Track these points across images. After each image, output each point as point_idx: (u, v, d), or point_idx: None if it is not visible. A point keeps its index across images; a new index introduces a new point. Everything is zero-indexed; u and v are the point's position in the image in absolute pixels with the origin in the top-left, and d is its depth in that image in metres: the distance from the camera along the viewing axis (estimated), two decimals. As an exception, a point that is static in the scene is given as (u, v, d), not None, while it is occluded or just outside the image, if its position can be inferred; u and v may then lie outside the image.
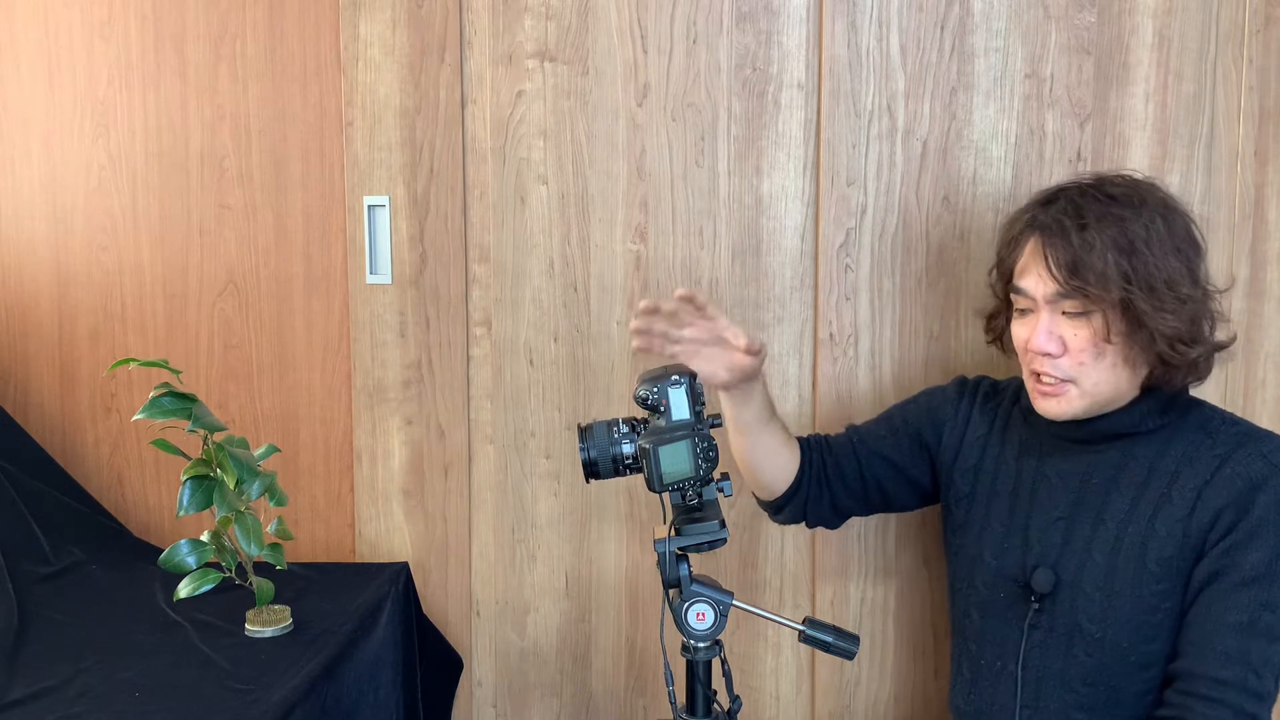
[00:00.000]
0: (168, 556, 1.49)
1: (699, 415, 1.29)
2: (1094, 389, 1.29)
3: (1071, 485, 1.36)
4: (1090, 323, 1.27)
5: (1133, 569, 1.29)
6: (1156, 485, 1.30)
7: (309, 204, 1.81)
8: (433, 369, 1.80)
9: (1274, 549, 1.23)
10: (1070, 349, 1.28)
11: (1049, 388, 1.31)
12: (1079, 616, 1.32)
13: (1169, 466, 1.31)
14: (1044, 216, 1.30)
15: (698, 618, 1.30)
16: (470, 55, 1.75)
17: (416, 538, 1.83)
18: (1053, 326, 1.29)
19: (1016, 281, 1.33)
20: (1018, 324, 1.35)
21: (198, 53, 1.80)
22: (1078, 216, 1.27)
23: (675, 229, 1.75)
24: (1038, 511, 1.38)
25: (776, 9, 1.70)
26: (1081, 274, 1.24)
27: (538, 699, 1.86)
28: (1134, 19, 1.66)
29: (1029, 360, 1.33)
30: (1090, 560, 1.32)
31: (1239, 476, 1.26)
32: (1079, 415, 1.32)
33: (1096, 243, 1.24)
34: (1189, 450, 1.31)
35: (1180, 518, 1.28)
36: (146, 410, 1.43)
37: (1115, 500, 1.32)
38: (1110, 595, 1.30)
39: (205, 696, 1.32)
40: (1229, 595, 1.24)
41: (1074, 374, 1.29)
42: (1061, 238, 1.26)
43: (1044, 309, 1.29)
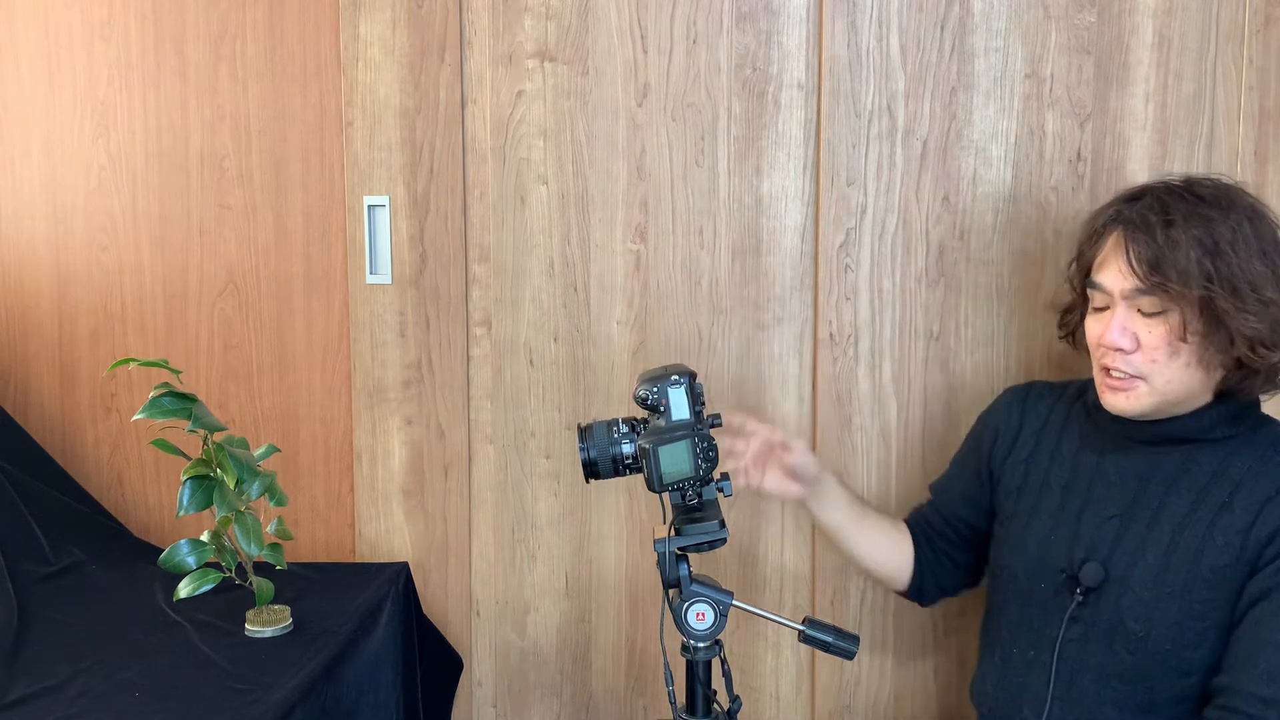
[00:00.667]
0: (168, 556, 1.49)
1: (699, 415, 1.29)
2: (1165, 387, 1.28)
3: (1130, 484, 1.35)
4: (1167, 320, 1.26)
5: (1185, 572, 1.28)
6: (1219, 493, 1.29)
7: (309, 204, 1.81)
8: (433, 369, 1.80)
9: None
10: (1144, 345, 1.27)
11: (1118, 382, 1.30)
12: (1124, 614, 1.31)
13: (1234, 476, 1.29)
14: (1129, 211, 1.29)
15: (698, 618, 1.29)
16: (470, 55, 1.75)
17: (416, 538, 1.83)
18: (1128, 323, 1.28)
19: (1095, 277, 1.32)
20: (1093, 320, 1.34)
21: (198, 53, 1.80)
22: (1164, 212, 1.25)
23: (675, 229, 1.75)
24: (1092, 506, 1.37)
25: (776, 9, 1.70)
26: (1163, 270, 1.23)
27: (538, 699, 1.86)
28: (1134, 19, 1.66)
29: (1100, 355, 1.32)
30: (1142, 559, 1.31)
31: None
32: (1146, 413, 1.31)
33: (1182, 240, 1.23)
34: (1256, 464, 1.29)
35: (1240, 529, 1.26)
36: (146, 410, 1.43)
37: (1174, 502, 1.31)
38: (1159, 596, 1.29)
39: (205, 696, 1.32)
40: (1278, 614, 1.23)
41: (1146, 371, 1.28)
42: (1145, 233, 1.25)
43: (1120, 305, 1.29)
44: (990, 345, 1.73)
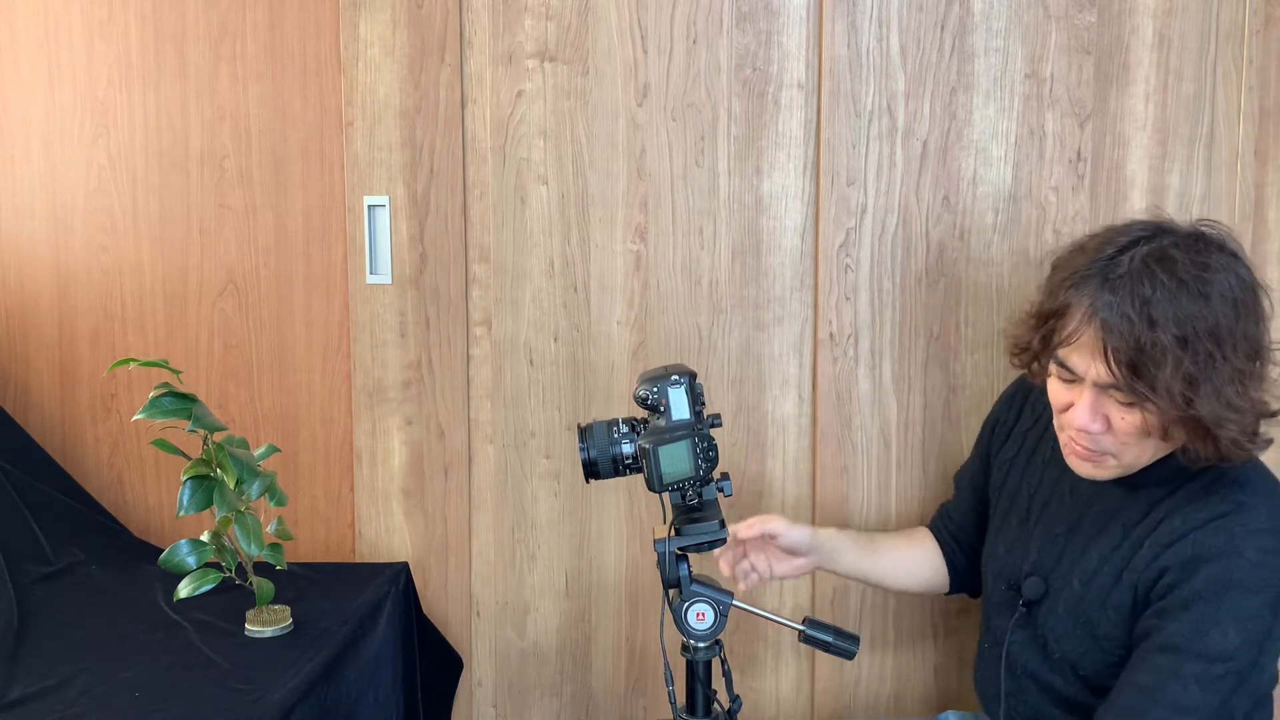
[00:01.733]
0: (168, 556, 1.49)
1: (699, 415, 1.29)
2: (1133, 462, 1.24)
3: (1079, 505, 1.35)
4: (1142, 412, 1.18)
5: (1096, 606, 1.29)
6: (1140, 532, 1.27)
7: (309, 204, 1.81)
8: (433, 369, 1.80)
9: (1200, 626, 1.18)
10: (1115, 430, 1.21)
11: (1085, 453, 1.25)
12: (1047, 632, 1.34)
13: (1159, 515, 1.26)
14: (1104, 305, 1.16)
15: (698, 618, 1.30)
16: (470, 55, 1.75)
17: (416, 538, 1.83)
18: (1098, 407, 1.20)
19: (1064, 356, 1.22)
20: (1058, 385, 1.26)
21: (198, 53, 1.80)
22: (1144, 308, 1.13)
23: (675, 229, 1.75)
24: (1045, 521, 1.38)
25: (776, 9, 1.70)
26: (1145, 378, 1.14)
27: (538, 699, 1.86)
28: (1134, 19, 1.66)
29: (1066, 422, 1.26)
30: (1069, 585, 1.32)
31: (1194, 544, 1.20)
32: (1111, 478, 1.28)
33: (1166, 347, 1.13)
34: (1182, 504, 1.24)
35: (1141, 568, 1.25)
36: (146, 410, 1.43)
37: (1107, 533, 1.30)
38: (1075, 623, 1.31)
39: (205, 696, 1.32)
40: (1147, 657, 1.22)
41: (1115, 450, 1.23)
42: (1125, 335, 1.14)
43: (1090, 389, 1.21)
44: (990, 345, 1.73)
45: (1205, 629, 1.18)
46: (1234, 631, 1.17)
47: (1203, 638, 1.18)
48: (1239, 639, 1.17)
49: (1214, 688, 1.18)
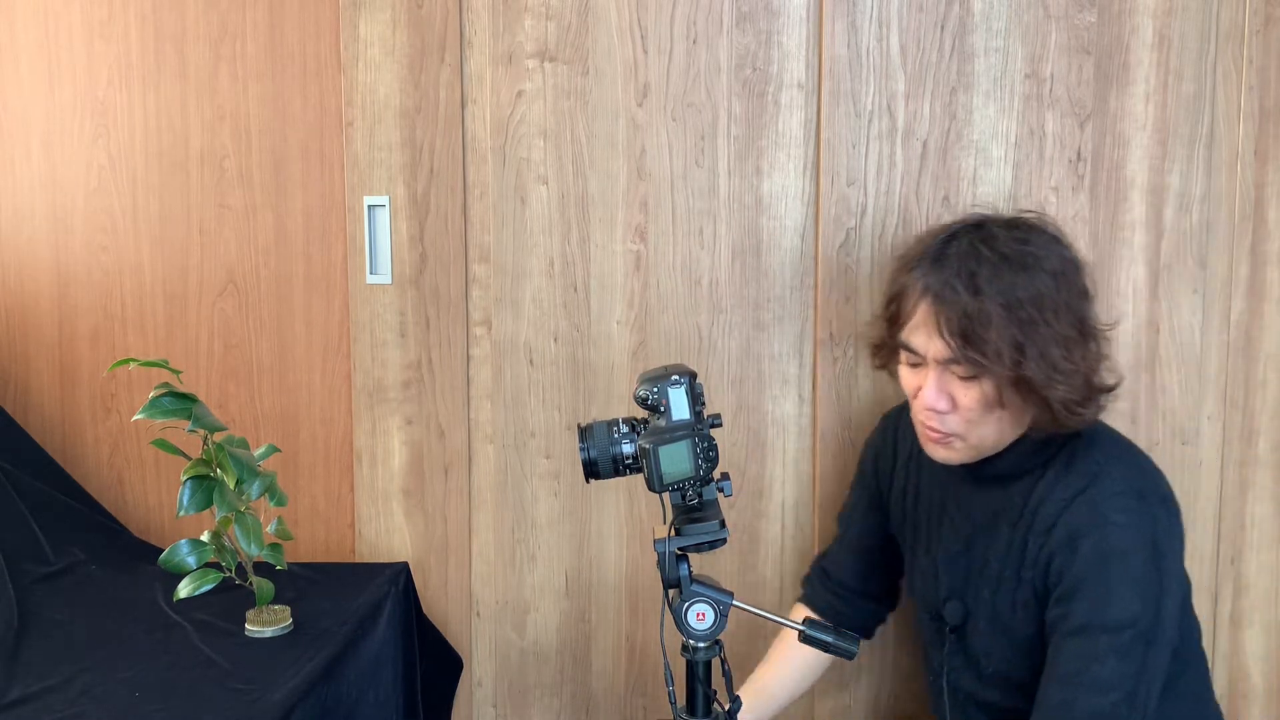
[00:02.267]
0: (168, 556, 1.49)
1: (699, 415, 1.29)
2: (980, 441, 1.30)
3: (966, 522, 1.38)
4: (980, 385, 1.25)
5: (1009, 609, 1.31)
6: (1022, 528, 1.31)
7: (309, 204, 1.81)
8: (433, 369, 1.80)
9: (1096, 603, 1.22)
10: (960, 406, 1.27)
11: (936, 435, 1.31)
12: (975, 650, 1.36)
13: (1032, 507, 1.30)
14: (935, 280, 1.25)
15: (698, 618, 1.29)
16: (470, 55, 1.75)
17: (416, 538, 1.83)
18: (943, 385, 1.27)
19: (906, 337, 1.30)
20: (907, 371, 1.33)
21: (198, 53, 1.80)
22: (971, 280, 1.23)
23: (675, 229, 1.75)
24: (943, 544, 1.41)
25: (776, 9, 1.70)
26: (975, 344, 1.22)
27: (538, 699, 1.86)
28: (1134, 19, 1.66)
29: (916, 408, 1.32)
30: (981, 597, 1.34)
31: (1067, 527, 1.25)
32: (964, 462, 1.33)
33: (992, 313, 1.21)
34: (1048, 490, 1.29)
35: (1030, 563, 1.29)
36: (146, 410, 1.43)
37: (996, 540, 1.33)
38: (996, 633, 1.33)
39: (205, 696, 1.32)
40: (1061, 647, 1.24)
41: (961, 430, 1.29)
42: (954, 305, 1.23)
43: (934, 367, 1.28)
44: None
45: (1103, 602, 1.21)
46: (1130, 595, 1.21)
47: (1104, 611, 1.21)
48: (1137, 601, 1.21)
49: (1129, 655, 1.21)
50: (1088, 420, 1.27)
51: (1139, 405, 1.72)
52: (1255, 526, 1.74)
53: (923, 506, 1.46)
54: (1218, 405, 1.72)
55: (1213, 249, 1.69)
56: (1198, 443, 1.72)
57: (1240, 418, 1.72)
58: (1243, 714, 1.77)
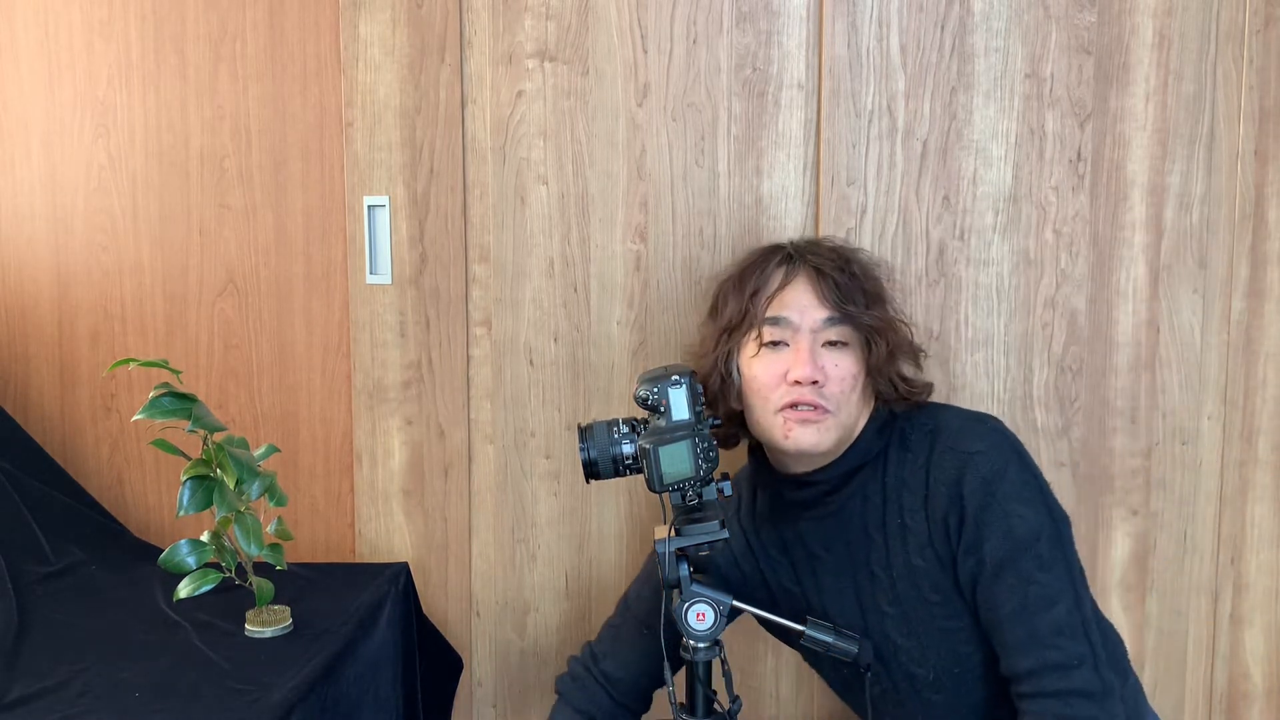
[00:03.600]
0: (168, 556, 1.49)
1: (699, 415, 1.29)
2: (846, 419, 1.31)
3: (835, 549, 1.37)
4: (849, 354, 1.31)
5: (918, 606, 1.32)
6: (891, 517, 1.32)
7: (309, 204, 1.81)
8: (433, 369, 1.80)
9: (1002, 529, 1.24)
10: (831, 378, 1.30)
11: (809, 414, 1.29)
12: (907, 666, 1.35)
13: (892, 495, 1.32)
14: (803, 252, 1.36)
15: (698, 618, 1.29)
16: (470, 55, 1.75)
17: (416, 538, 1.83)
18: (815, 356, 1.30)
19: (776, 313, 1.31)
20: (764, 360, 1.31)
21: (198, 53, 1.80)
22: (834, 253, 1.36)
23: (675, 229, 1.75)
24: (824, 589, 1.39)
25: (776, 9, 1.70)
26: (855, 301, 1.31)
27: (538, 699, 1.86)
28: (1134, 19, 1.66)
29: (783, 394, 1.29)
30: (885, 614, 1.34)
31: (942, 482, 1.28)
32: (830, 447, 1.31)
33: (858, 279, 1.34)
34: (898, 471, 1.32)
35: (925, 542, 1.30)
36: (146, 410, 1.43)
37: (872, 548, 1.34)
38: (916, 637, 1.33)
39: (205, 696, 1.32)
40: (992, 590, 1.26)
41: (836, 403, 1.29)
42: (835, 268, 1.33)
43: (806, 338, 1.30)
44: (990, 345, 1.73)
45: (1006, 527, 1.24)
46: (1023, 509, 1.25)
47: (1011, 535, 1.24)
48: (1030, 511, 1.25)
49: (1051, 560, 1.24)
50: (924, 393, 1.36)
51: (1139, 405, 1.72)
52: (1255, 526, 1.74)
53: (784, 575, 1.42)
54: (1218, 405, 1.72)
55: (1213, 249, 1.69)
56: (1198, 443, 1.72)
57: (1240, 418, 1.72)
58: (1243, 714, 1.77)
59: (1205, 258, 1.69)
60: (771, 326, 1.32)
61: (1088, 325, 1.71)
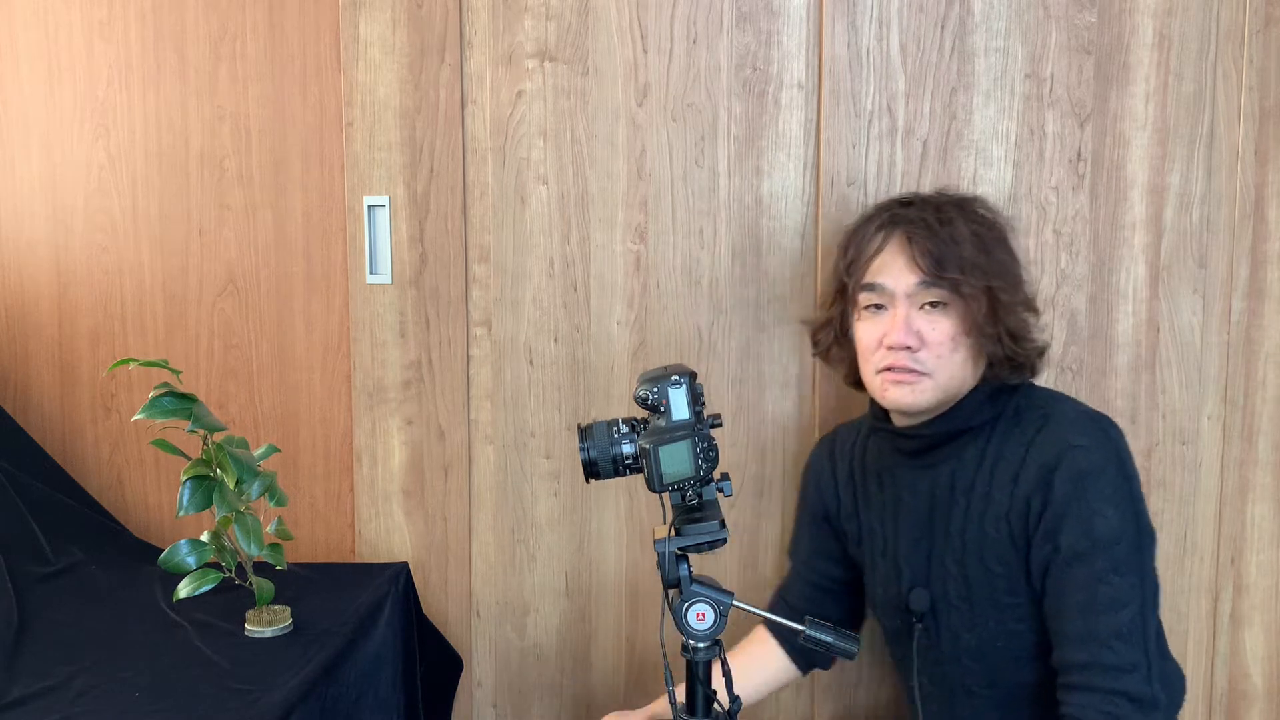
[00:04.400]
0: (168, 556, 1.49)
1: (699, 415, 1.29)
2: (947, 381, 1.33)
3: (923, 504, 1.40)
4: (949, 315, 1.32)
5: (981, 574, 1.33)
6: (981, 484, 1.34)
7: (309, 204, 1.81)
8: (433, 369, 1.80)
9: (1084, 525, 1.25)
10: (928, 342, 1.32)
11: (901, 375, 1.33)
12: (956, 629, 1.37)
13: (989, 463, 1.34)
14: (905, 213, 1.35)
15: (698, 618, 1.29)
16: (470, 55, 1.75)
17: (416, 538, 1.83)
18: (911, 321, 1.32)
19: (872, 278, 1.35)
20: (866, 324, 1.37)
21: (198, 53, 1.80)
22: (935, 213, 1.33)
23: (675, 229, 1.75)
24: (903, 535, 1.42)
25: (776, 9, 1.70)
26: (948, 264, 1.30)
27: (538, 699, 1.86)
28: (1134, 19, 1.66)
29: (881, 358, 1.35)
30: (949, 573, 1.36)
31: (1037, 464, 1.30)
32: (926, 407, 1.35)
33: (961, 235, 1.31)
34: (1001, 444, 1.34)
35: (1003, 515, 1.31)
36: (146, 410, 1.43)
37: (955, 508, 1.36)
38: (971, 603, 1.35)
39: (205, 696, 1.32)
40: (1062, 579, 1.27)
41: (932, 367, 1.32)
42: (927, 230, 1.32)
43: (902, 303, 1.33)
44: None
45: (1089, 524, 1.25)
46: (1110, 510, 1.25)
47: (1092, 533, 1.25)
48: (1116, 514, 1.25)
49: (1127, 567, 1.25)
50: (1034, 370, 1.37)
51: (1139, 405, 1.72)
52: (1255, 526, 1.74)
53: (872, 514, 1.47)
54: (1218, 405, 1.72)
55: (1213, 249, 1.69)
56: (1198, 443, 1.72)
57: (1240, 418, 1.72)
58: (1243, 714, 1.77)
59: (1205, 258, 1.69)
60: (868, 292, 1.36)
61: (1088, 325, 1.71)
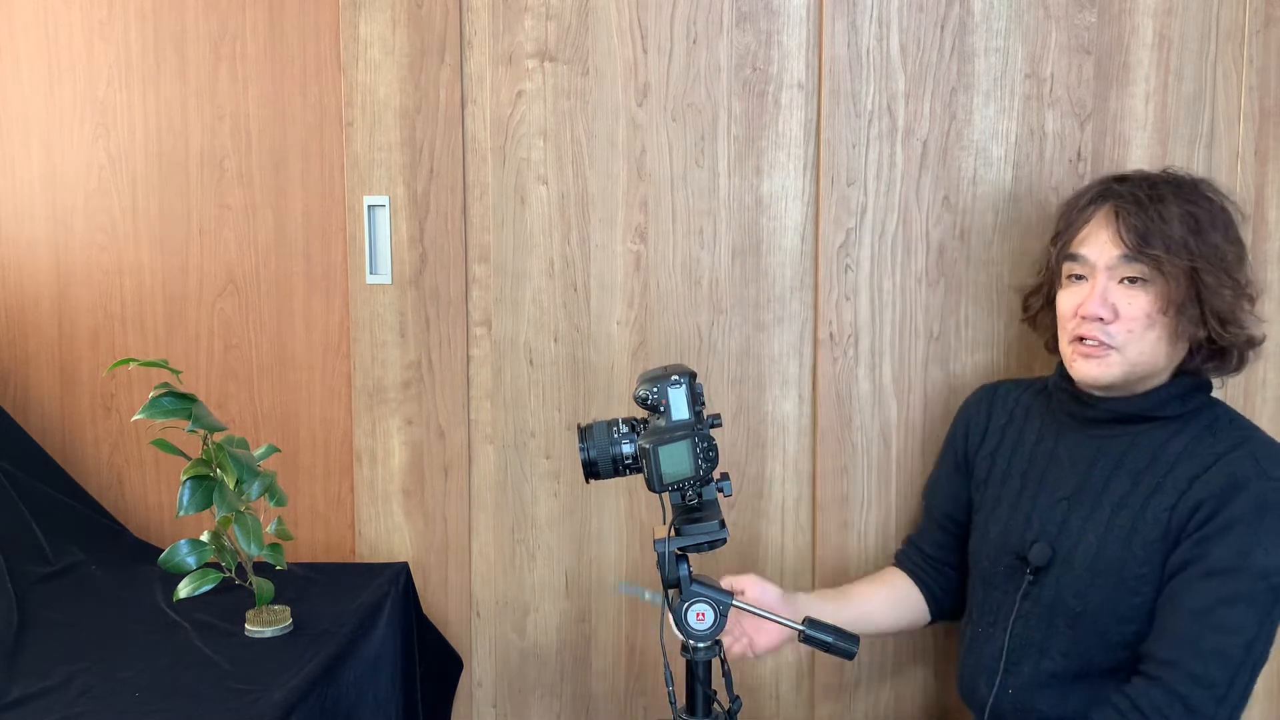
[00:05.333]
0: (168, 556, 1.49)
1: (699, 415, 1.29)
2: (1137, 358, 1.34)
3: (1080, 467, 1.41)
4: (1147, 291, 1.32)
5: (1119, 551, 1.33)
6: (1154, 473, 1.34)
7: (309, 204, 1.81)
8: (433, 369, 1.80)
9: (1243, 547, 1.25)
10: (1123, 316, 1.33)
11: (1091, 349, 1.35)
12: (1064, 591, 1.37)
13: (1170, 457, 1.34)
14: (1118, 188, 1.36)
15: (698, 618, 1.30)
16: (470, 55, 1.75)
17: (416, 538, 1.83)
18: (1108, 294, 1.33)
19: (1075, 249, 1.37)
20: (1066, 293, 1.40)
21: (198, 53, 1.80)
22: (1150, 190, 1.33)
23: (675, 229, 1.75)
24: (1045, 490, 1.43)
25: (776, 9, 1.70)
26: (1152, 241, 1.30)
27: (538, 699, 1.86)
28: (1134, 19, 1.66)
29: (1075, 326, 1.37)
30: (1084, 539, 1.37)
31: (1225, 474, 1.29)
32: (1114, 382, 1.35)
33: (1171, 214, 1.31)
34: (1191, 444, 1.34)
35: (1168, 506, 1.31)
36: (146, 410, 1.43)
37: (1115, 484, 1.36)
38: (1095, 574, 1.35)
39: (205, 696, 1.32)
40: (1193, 583, 1.28)
41: (1121, 341, 1.33)
42: (1136, 206, 1.32)
43: (1101, 275, 1.34)
44: (990, 345, 1.73)
45: (1248, 549, 1.25)
46: (1273, 547, 1.25)
47: (1246, 558, 1.25)
48: (1276, 554, 1.25)
49: (1259, 604, 1.25)
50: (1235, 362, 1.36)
51: (1139, 405, 1.71)
52: (1255, 526, 1.73)
53: (1019, 459, 1.49)
54: (1218, 405, 1.71)
55: (1213, 249, 1.69)
56: (1198, 443, 1.72)
57: (1240, 418, 1.72)
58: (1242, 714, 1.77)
59: (1205, 258, 1.69)
60: (1071, 262, 1.38)
61: (1088, 325, 1.71)
